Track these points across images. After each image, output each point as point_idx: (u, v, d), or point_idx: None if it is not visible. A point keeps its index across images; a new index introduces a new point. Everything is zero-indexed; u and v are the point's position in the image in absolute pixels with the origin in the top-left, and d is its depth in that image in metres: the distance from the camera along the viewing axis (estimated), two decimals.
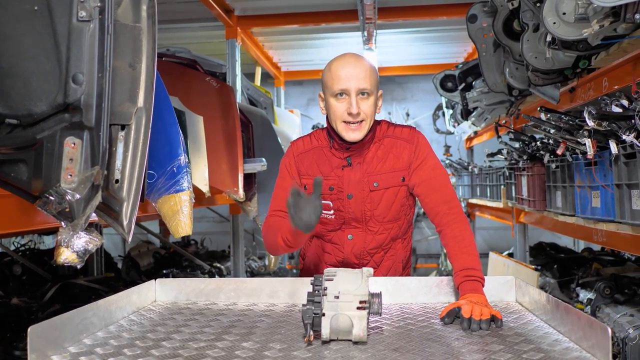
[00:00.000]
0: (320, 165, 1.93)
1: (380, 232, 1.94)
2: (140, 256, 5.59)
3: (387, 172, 1.91)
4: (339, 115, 1.84)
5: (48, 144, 1.40)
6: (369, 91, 1.83)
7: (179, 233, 2.11)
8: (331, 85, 1.83)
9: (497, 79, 3.58)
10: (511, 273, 4.69)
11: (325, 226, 1.96)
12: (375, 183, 1.90)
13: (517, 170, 3.85)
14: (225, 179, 3.41)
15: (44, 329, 1.31)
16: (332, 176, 1.91)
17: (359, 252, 1.95)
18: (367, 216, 1.92)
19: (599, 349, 1.21)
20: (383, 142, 1.92)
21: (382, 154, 1.91)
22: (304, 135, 2.03)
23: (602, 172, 2.46)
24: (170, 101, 2.21)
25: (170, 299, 1.95)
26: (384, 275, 1.98)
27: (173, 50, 4.92)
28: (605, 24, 1.80)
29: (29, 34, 1.39)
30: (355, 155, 1.90)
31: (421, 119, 8.49)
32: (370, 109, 1.84)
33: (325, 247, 2.00)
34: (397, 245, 1.99)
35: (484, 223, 7.36)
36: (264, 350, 1.36)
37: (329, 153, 1.94)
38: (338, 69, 1.83)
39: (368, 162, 1.90)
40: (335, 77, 1.82)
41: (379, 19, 4.79)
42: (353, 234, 1.94)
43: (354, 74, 1.81)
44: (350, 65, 1.83)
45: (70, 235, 1.40)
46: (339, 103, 1.83)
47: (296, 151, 1.98)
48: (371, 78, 1.84)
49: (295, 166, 1.97)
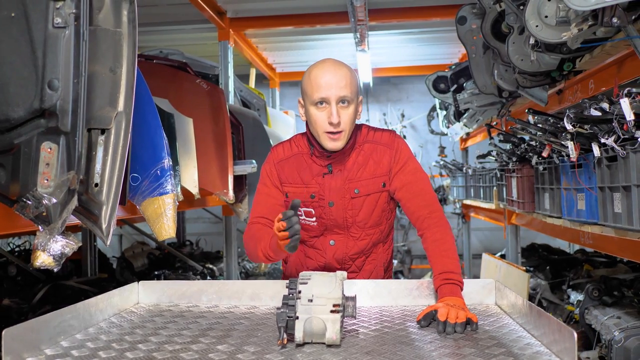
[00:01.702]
0: (301, 173, 1.92)
1: (362, 238, 1.94)
2: (135, 257, 5.60)
3: (367, 179, 1.90)
4: (319, 124, 1.82)
5: (25, 148, 1.42)
6: (349, 99, 1.81)
7: (162, 235, 2.13)
8: (311, 93, 1.81)
9: (486, 80, 3.59)
10: (503, 274, 4.71)
11: (308, 232, 1.96)
12: (356, 190, 1.89)
13: (507, 172, 3.86)
14: (215, 181, 3.42)
15: (20, 331, 1.32)
16: (313, 184, 1.91)
17: (341, 257, 1.96)
18: (348, 223, 1.92)
19: (567, 353, 1.22)
20: (363, 148, 1.91)
21: (363, 160, 1.90)
22: (284, 141, 2.02)
23: (587, 175, 2.47)
24: (155, 104, 2.22)
25: (152, 301, 1.96)
26: (366, 278, 1.98)
27: (166, 52, 4.93)
28: (584, 27, 1.81)
29: (6, 40, 1.41)
30: (335, 162, 1.90)
31: (416, 119, 8.50)
32: (350, 118, 1.82)
33: (308, 252, 2.00)
34: (379, 250, 1.99)
35: (479, 224, 7.37)
36: (238, 353, 1.37)
37: (309, 160, 1.92)
38: (318, 76, 1.80)
39: (348, 168, 1.90)
40: (315, 85, 1.79)
41: (371, 20, 4.80)
42: (335, 239, 1.95)
43: (334, 82, 1.78)
44: (330, 72, 1.80)
45: (47, 239, 1.41)
46: (320, 112, 1.81)
47: (276, 158, 1.96)
48: (351, 85, 1.82)
49: (276, 173, 1.95)
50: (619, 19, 1.69)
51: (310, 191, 1.91)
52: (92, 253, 5.04)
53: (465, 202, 6.47)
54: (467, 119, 4.82)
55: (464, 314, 1.56)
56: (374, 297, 1.89)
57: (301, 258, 2.02)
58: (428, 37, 6.16)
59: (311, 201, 1.91)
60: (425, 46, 6.50)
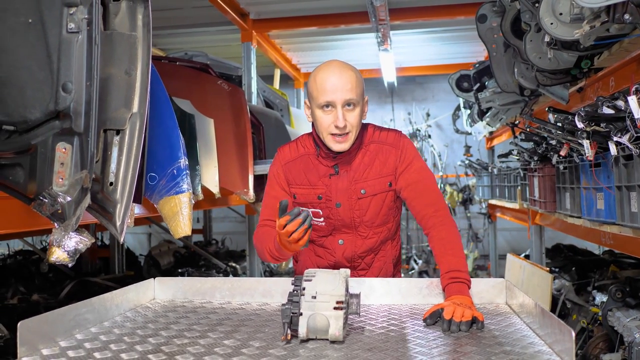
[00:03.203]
0: (308, 174, 1.94)
1: (370, 237, 1.96)
2: (161, 255, 5.73)
3: (373, 179, 1.91)
4: (325, 127, 1.83)
5: (41, 149, 1.48)
6: (354, 102, 1.81)
7: (178, 233, 2.18)
8: (317, 96, 1.82)
9: (507, 79, 3.55)
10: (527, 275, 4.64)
11: (317, 232, 1.98)
12: (362, 190, 1.90)
13: (530, 171, 3.82)
14: (235, 180, 3.48)
15: (35, 323, 1.38)
16: (320, 185, 1.92)
17: (350, 255, 1.97)
18: (356, 222, 1.93)
19: (566, 352, 1.21)
20: (369, 148, 1.92)
21: (369, 160, 1.91)
22: (291, 142, 2.04)
23: (606, 174, 2.43)
24: (172, 105, 2.28)
25: (168, 297, 2.02)
26: (375, 276, 2.00)
27: (191, 54, 5.03)
28: (596, 24, 1.79)
29: (23, 45, 1.47)
30: (341, 163, 1.91)
31: (442, 119, 8.43)
32: (356, 120, 1.83)
33: (317, 251, 2.02)
34: (387, 247, 2.01)
35: (506, 224, 7.28)
36: (243, 347, 1.40)
37: (315, 161, 1.94)
38: (323, 80, 1.80)
39: (354, 169, 1.91)
40: (321, 88, 1.80)
41: (393, 20, 4.79)
42: (344, 239, 1.96)
43: (339, 86, 1.79)
44: (336, 76, 1.80)
45: (62, 236, 1.47)
46: (325, 115, 1.82)
47: (283, 160, 1.98)
48: (357, 88, 1.82)
49: (283, 175, 1.97)
50: (631, 15, 1.67)
51: (317, 192, 1.92)
52: (119, 251, 5.18)
53: (491, 202, 6.40)
54: (490, 117, 4.77)
55: (470, 312, 1.56)
56: (384, 296, 1.91)
57: (312, 257, 2.04)
58: (452, 36, 6.12)
59: (318, 202, 1.93)
60: (450, 45, 6.46)
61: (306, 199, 1.94)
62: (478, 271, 7.93)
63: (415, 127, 8.58)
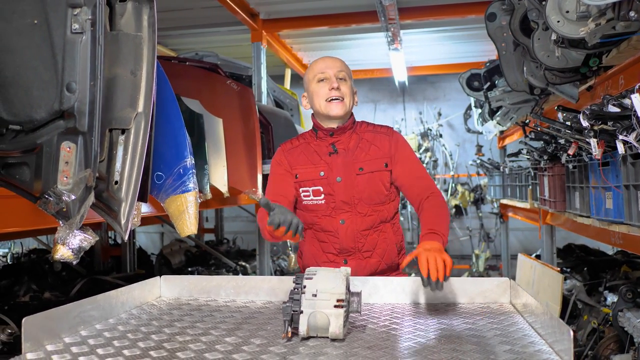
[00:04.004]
0: (309, 156, 2.11)
1: (369, 214, 2.07)
2: (172, 254, 5.77)
3: (370, 160, 2.08)
4: (322, 95, 2.06)
5: (47, 148, 1.51)
6: (345, 77, 2.07)
7: (184, 232, 2.20)
8: (312, 76, 2.08)
9: (517, 77, 3.53)
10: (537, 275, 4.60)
11: (316, 212, 2.09)
12: (360, 168, 2.06)
13: (540, 171, 3.79)
14: (244, 180, 3.50)
15: (40, 319, 1.41)
16: (321, 163, 2.08)
17: (352, 234, 2.06)
18: (355, 199, 2.06)
19: (565, 352, 1.21)
20: (364, 136, 2.11)
21: (365, 146, 2.09)
22: (292, 138, 2.22)
23: (615, 173, 2.40)
24: (178, 105, 2.30)
25: (174, 295, 2.04)
26: (380, 257, 2.09)
27: (202, 54, 5.06)
28: (601, 22, 1.77)
29: (30, 46, 1.50)
30: (339, 142, 2.08)
31: (453, 118, 8.39)
32: (348, 89, 2.07)
33: (320, 237, 2.10)
34: (387, 228, 2.10)
35: (518, 224, 7.22)
36: (244, 345, 1.41)
37: (315, 143, 2.12)
38: (318, 62, 2.11)
39: (352, 150, 2.08)
40: (316, 68, 2.09)
41: (403, 19, 4.78)
42: (345, 218, 2.06)
43: (330, 63, 2.08)
44: (327, 58, 2.11)
45: (67, 234, 1.50)
46: (320, 86, 2.06)
47: (285, 148, 2.16)
48: (346, 68, 2.10)
49: (285, 160, 2.13)
50: (637, 12, 1.65)
51: (319, 169, 2.08)
52: (131, 250, 5.22)
53: (502, 201, 6.35)
54: (501, 117, 4.74)
55: (441, 257, 1.66)
56: (388, 294, 1.91)
57: (315, 246, 2.12)
58: (464, 35, 6.09)
59: (320, 179, 2.07)
60: (462, 44, 6.42)
61: (308, 177, 2.08)
62: (490, 271, 7.88)
63: (426, 127, 8.54)
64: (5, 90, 1.52)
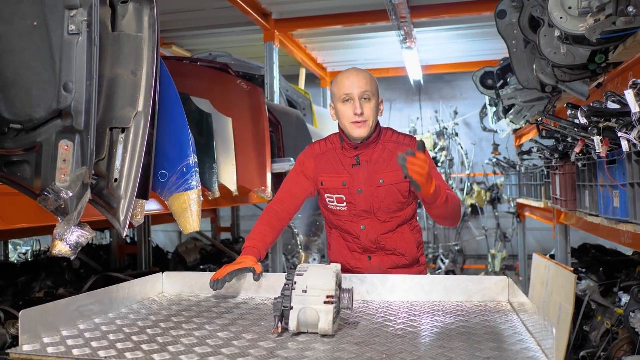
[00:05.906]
0: (335, 165, 2.20)
1: (388, 221, 2.16)
2: (188, 253, 5.84)
3: (391, 171, 2.13)
4: (346, 117, 2.11)
5: (46, 146, 1.55)
6: (369, 95, 2.10)
7: (187, 229, 2.22)
8: (338, 93, 2.12)
9: (528, 75, 3.49)
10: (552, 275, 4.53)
11: (340, 217, 2.20)
12: (381, 180, 2.13)
13: (552, 169, 3.74)
14: (254, 179, 3.52)
15: (38, 313, 1.45)
16: (345, 174, 2.17)
17: (374, 237, 2.16)
18: (375, 208, 2.14)
19: (550, 350, 1.20)
20: (387, 147, 2.17)
21: (387, 157, 2.15)
22: (321, 140, 2.29)
23: (622, 171, 2.36)
24: (182, 104, 2.32)
25: (176, 291, 2.07)
26: (402, 254, 2.17)
27: (215, 54, 5.11)
28: (600, 18, 1.75)
29: (29, 47, 1.54)
30: (363, 154, 2.15)
31: (470, 116, 8.32)
32: (372, 111, 2.11)
33: (345, 237, 2.23)
34: (406, 230, 2.19)
35: (535, 224, 7.12)
36: (234, 340, 1.44)
37: (340, 153, 2.20)
38: (343, 79, 2.13)
39: (374, 162, 2.15)
40: (341, 86, 2.12)
41: (416, 17, 4.76)
42: (365, 224, 2.16)
43: (356, 82, 2.10)
44: (353, 75, 2.12)
45: (65, 230, 1.53)
46: (346, 107, 2.11)
47: (314, 153, 2.25)
48: (371, 85, 2.12)
49: (311, 165, 2.22)
50: (635, 8, 1.63)
51: (342, 180, 2.17)
52: (146, 248, 5.29)
53: (519, 201, 6.28)
54: (514, 115, 4.69)
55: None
56: (386, 293, 1.91)
57: (341, 243, 2.25)
58: (479, 32, 6.03)
59: (343, 188, 2.16)
60: (477, 42, 6.36)
61: (332, 185, 2.17)
62: (506, 271, 7.79)
63: (442, 126, 8.48)
64: (6, 91, 1.56)
